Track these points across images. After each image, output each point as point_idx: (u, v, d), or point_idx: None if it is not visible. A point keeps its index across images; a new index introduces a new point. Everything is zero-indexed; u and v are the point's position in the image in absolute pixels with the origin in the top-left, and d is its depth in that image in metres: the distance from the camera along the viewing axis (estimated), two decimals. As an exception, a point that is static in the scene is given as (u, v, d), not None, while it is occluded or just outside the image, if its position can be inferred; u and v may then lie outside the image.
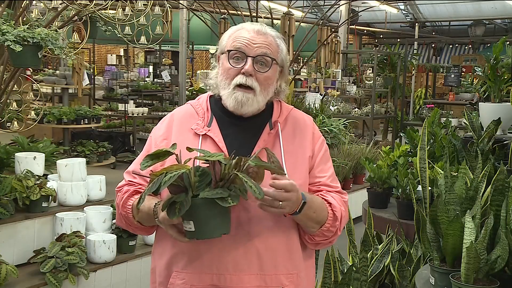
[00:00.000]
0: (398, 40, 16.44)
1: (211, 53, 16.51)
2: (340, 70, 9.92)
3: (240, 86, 1.71)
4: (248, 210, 1.66)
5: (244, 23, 1.85)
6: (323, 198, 1.75)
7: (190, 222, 1.51)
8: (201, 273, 1.68)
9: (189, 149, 1.57)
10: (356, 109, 9.66)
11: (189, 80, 12.05)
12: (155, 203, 1.66)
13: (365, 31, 17.84)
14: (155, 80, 11.94)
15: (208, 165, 1.55)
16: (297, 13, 10.78)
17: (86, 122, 8.09)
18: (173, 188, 1.52)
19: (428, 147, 2.84)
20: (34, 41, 3.27)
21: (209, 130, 1.76)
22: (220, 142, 1.73)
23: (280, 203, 1.57)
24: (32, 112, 5.73)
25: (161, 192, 1.64)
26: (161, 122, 1.87)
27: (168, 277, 1.73)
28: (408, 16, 16.65)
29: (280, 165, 1.62)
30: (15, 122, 4.66)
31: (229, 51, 1.74)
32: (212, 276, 1.67)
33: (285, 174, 1.60)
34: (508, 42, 3.72)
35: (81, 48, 5.00)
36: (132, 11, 4.55)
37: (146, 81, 11.89)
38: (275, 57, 1.75)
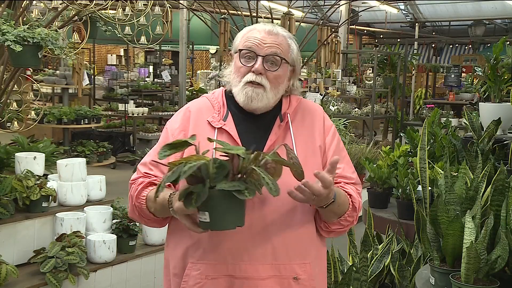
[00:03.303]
0: (398, 40, 16.41)
1: (211, 53, 16.50)
2: (340, 70, 9.91)
3: (250, 83, 1.76)
4: (263, 201, 1.69)
5: (256, 23, 1.91)
6: (343, 190, 1.78)
7: (205, 213, 1.52)
8: (216, 264, 1.70)
9: (209, 140, 1.59)
10: (356, 109, 9.66)
11: (189, 80, 12.03)
12: (170, 193, 1.67)
13: (365, 31, 17.82)
14: (155, 80, 11.93)
15: (225, 157, 1.55)
16: (297, 13, 10.77)
17: (86, 122, 8.10)
18: (190, 178, 1.52)
19: (428, 147, 2.84)
20: (34, 41, 3.27)
21: (224, 124, 1.79)
22: (236, 136, 1.76)
23: (314, 196, 1.60)
24: (32, 112, 5.71)
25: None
26: (176, 114, 1.89)
27: (183, 268, 1.75)
28: (408, 16, 16.63)
29: (299, 162, 1.62)
30: (15, 122, 4.65)
31: (240, 50, 1.79)
32: (228, 267, 1.69)
33: (302, 170, 1.60)
34: (508, 42, 3.72)
35: (81, 48, 5.00)
36: (132, 11, 4.55)
37: (146, 81, 11.88)
38: (285, 57, 1.79)
